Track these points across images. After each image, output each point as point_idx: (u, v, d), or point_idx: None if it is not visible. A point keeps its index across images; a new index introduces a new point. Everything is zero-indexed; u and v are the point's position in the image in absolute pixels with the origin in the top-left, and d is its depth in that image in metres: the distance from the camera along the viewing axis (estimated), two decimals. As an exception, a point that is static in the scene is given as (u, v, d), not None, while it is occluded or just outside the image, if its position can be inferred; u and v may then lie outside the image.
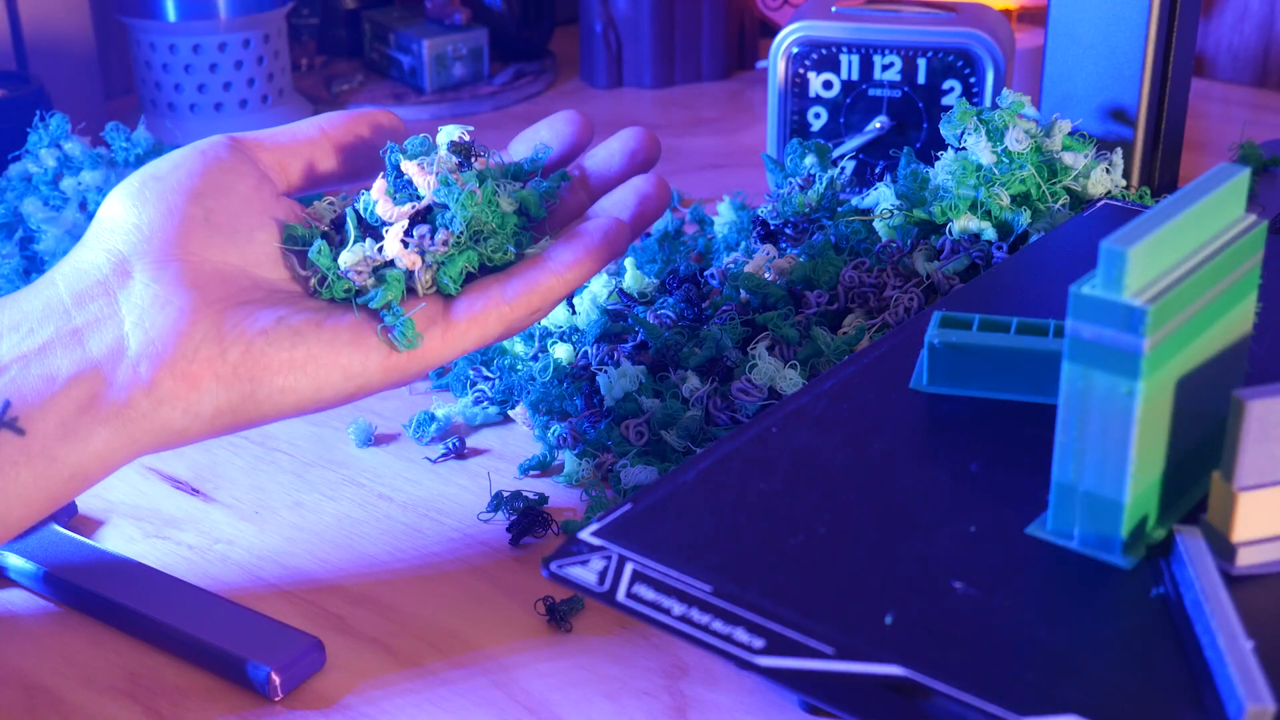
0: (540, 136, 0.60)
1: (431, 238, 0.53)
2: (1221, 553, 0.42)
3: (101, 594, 0.53)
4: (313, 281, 0.54)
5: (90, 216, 0.68)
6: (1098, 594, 0.42)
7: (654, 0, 1.09)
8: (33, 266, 0.69)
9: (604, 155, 0.61)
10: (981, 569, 0.42)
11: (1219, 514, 0.42)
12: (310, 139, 0.57)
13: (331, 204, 0.57)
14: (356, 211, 0.55)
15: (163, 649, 0.52)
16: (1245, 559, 0.42)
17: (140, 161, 0.70)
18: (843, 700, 0.39)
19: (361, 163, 0.58)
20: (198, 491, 0.61)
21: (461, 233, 0.54)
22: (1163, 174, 0.76)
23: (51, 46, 0.94)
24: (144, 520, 0.59)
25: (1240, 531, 0.42)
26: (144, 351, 0.49)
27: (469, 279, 0.55)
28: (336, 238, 0.55)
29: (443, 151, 0.56)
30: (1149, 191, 0.70)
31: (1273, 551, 0.42)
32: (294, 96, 1.01)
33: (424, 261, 0.53)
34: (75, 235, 0.68)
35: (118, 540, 0.58)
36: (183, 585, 0.53)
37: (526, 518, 0.57)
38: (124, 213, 0.52)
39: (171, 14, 0.93)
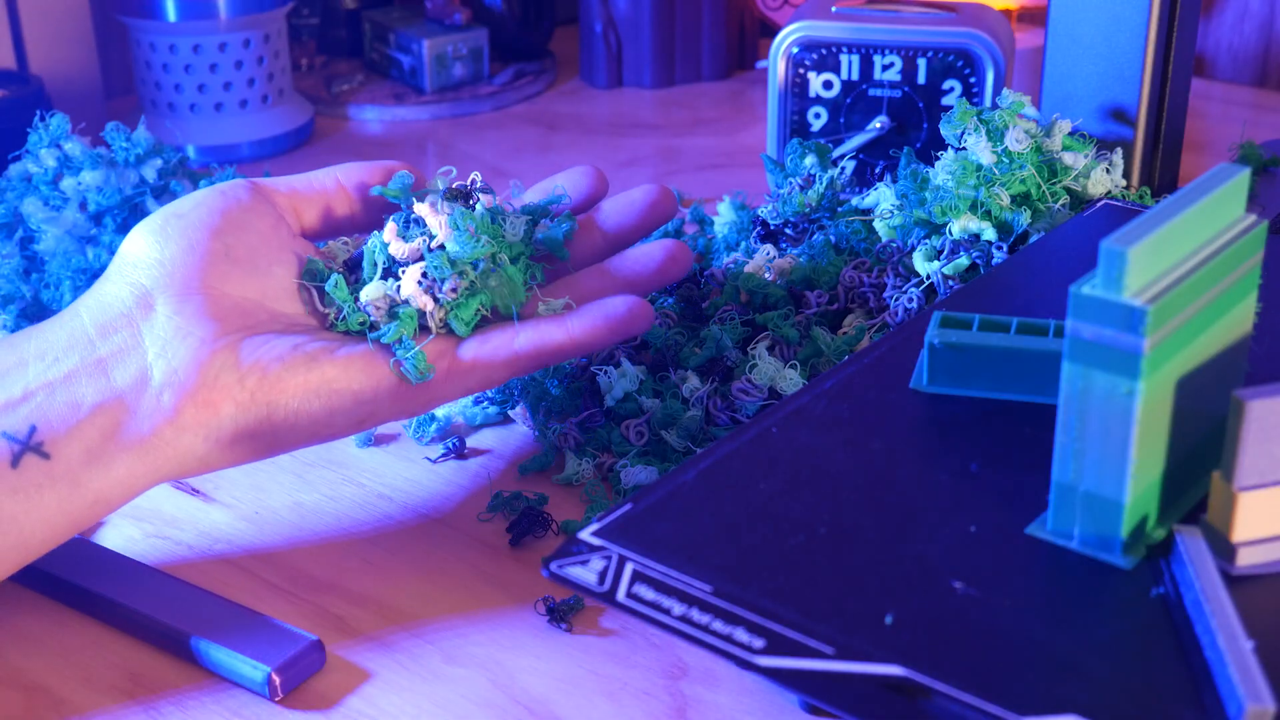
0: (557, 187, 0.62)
1: (441, 283, 0.54)
2: (1221, 553, 0.42)
3: (101, 594, 0.53)
4: (330, 314, 0.56)
5: (90, 216, 0.68)
6: (1098, 594, 0.42)
7: (654, 0, 1.09)
8: (33, 266, 0.69)
9: (624, 203, 0.62)
10: (981, 569, 0.42)
11: (1219, 514, 0.42)
12: (326, 189, 0.59)
13: (346, 244, 0.59)
14: (373, 251, 0.57)
15: (162, 649, 0.52)
16: (1245, 559, 0.42)
17: (140, 161, 0.70)
18: (843, 700, 0.39)
19: (374, 213, 0.60)
20: (198, 491, 0.61)
21: (471, 280, 0.55)
22: (1163, 174, 0.76)
23: (51, 46, 0.94)
24: (144, 520, 0.59)
25: (1240, 531, 0.42)
26: (167, 381, 0.51)
27: (484, 321, 0.56)
28: (350, 277, 0.57)
29: (434, 200, 0.57)
30: (1149, 191, 0.70)
31: (1273, 551, 0.42)
32: (294, 96, 1.01)
33: (437, 303, 0.55)
34: (75, 235, 0.68)
35: (118, 540, 0.58)
36: (183, 585, 0.53)
37: (526, 518, 0.57)
38: (147, 248, 0.54)
39: (171, 14, 0.93)
